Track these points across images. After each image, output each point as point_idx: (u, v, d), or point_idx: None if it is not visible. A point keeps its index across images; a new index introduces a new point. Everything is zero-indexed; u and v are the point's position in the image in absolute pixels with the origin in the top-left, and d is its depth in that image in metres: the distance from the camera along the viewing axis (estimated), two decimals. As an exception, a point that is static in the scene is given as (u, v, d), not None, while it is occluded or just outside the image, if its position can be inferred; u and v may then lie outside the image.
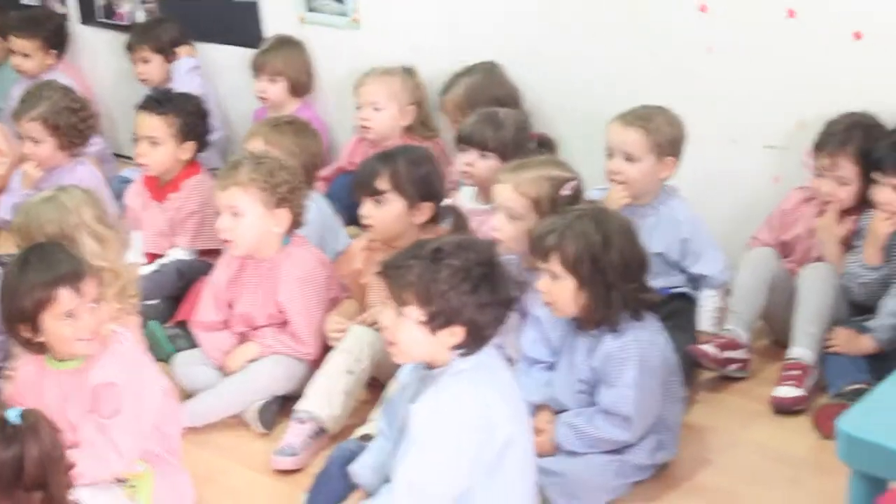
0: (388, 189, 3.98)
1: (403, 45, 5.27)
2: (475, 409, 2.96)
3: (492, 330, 3.02)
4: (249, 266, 4.15)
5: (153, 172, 4.94)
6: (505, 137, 4.36)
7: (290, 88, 5.56)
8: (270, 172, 4.01)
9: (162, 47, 5.92)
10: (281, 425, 3.94)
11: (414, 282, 2.97)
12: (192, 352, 4.23)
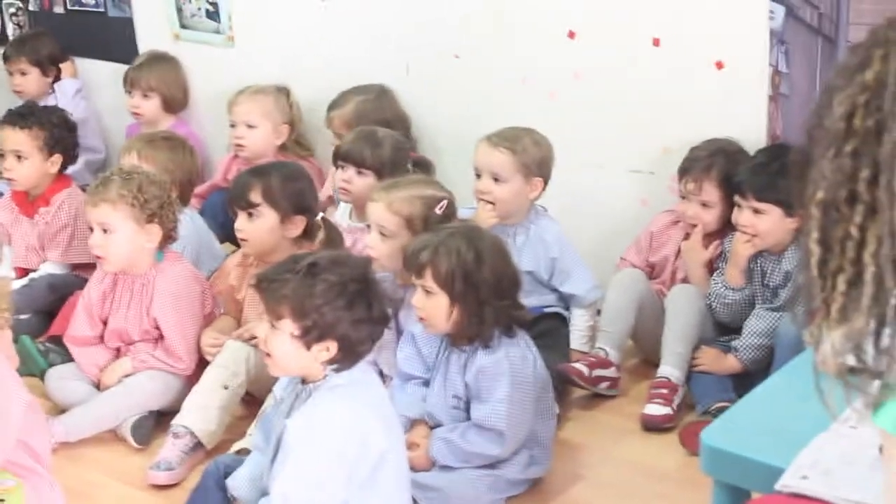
0: (262, 202, 4.01)
1: (278, 64, 5.30)
2: (350, 424, 3.00)
3: (366, 346, 3.06)
4: (122, 281, 4.14)
5: (21, 187, 4.89)
6: (382, 156, 4.40)
7: (164, 105, 5.56)
8: (140, 188, 4.01)
9: (40, 60, 5.88)
10: (156, 440, 3.93)
11: (289, 295, 3.00)
12: (66, 366, 4.19)
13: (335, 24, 5.14)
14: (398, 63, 4.96)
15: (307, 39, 5.23)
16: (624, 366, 4.21)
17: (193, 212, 4.71)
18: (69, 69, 5.97)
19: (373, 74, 5.00)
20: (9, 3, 6.24)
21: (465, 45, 4.79)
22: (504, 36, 4.68)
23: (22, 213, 4.93)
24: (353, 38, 5.09)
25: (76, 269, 4.86)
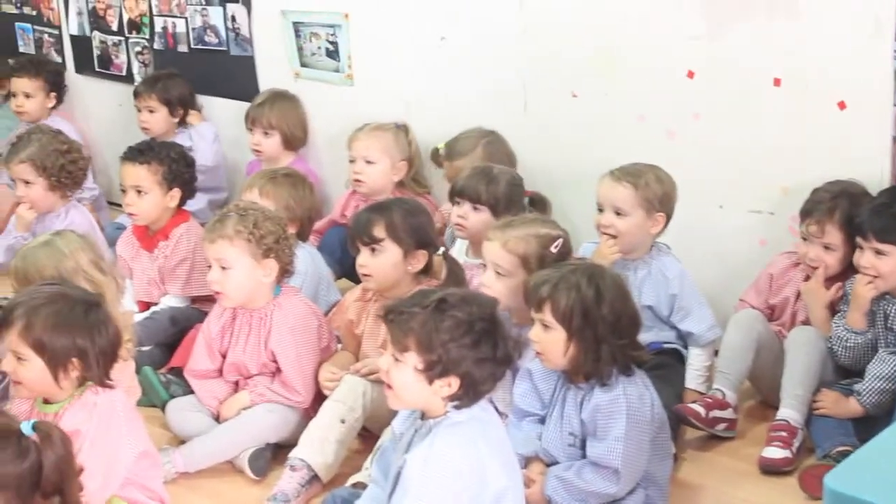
0: (385, 237, 4.04)
1: (396, 102, 5.34)
2: (469, 461, 3.00)
3: (487, 385, 3.07)
4: (241, 315, 4.19)
5: (142, 222, 4.99)
6: (497, 192, 4.42)
7: (284, 142, 5.64)
8: (255, 224, 4.07)
9: (169, 100, 5.99)
10: (273, 473, 3.97)
11: (416, 329, 3.02)
12: (186, 398, 4.25)
13: (453, 62, 5.17)
14: (516, 101, 4.97)
15: (425, 77, 5.27)
16: (741, 407, 4.16)
17: (312, 248, 4.75)
18: (197, 116, 6.10)
19: (490, 112, 5.02)
20: (135, 42, 6.38)
21: (582, 83, 4.79)
22: (622, 74, 4.68)
23: (142, 248, 5.02)
24: (471, 75, 5.12)
25: (196, 301, 4.93)
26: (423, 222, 4.15)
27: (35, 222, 5.22)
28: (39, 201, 5.22)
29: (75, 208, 5.29)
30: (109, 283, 3.95)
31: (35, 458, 2.75)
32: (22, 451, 2.74)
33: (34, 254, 3.93)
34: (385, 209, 4.13)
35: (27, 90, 6.37)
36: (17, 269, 3.92)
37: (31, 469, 2.75)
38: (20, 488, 2.74)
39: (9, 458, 2.72)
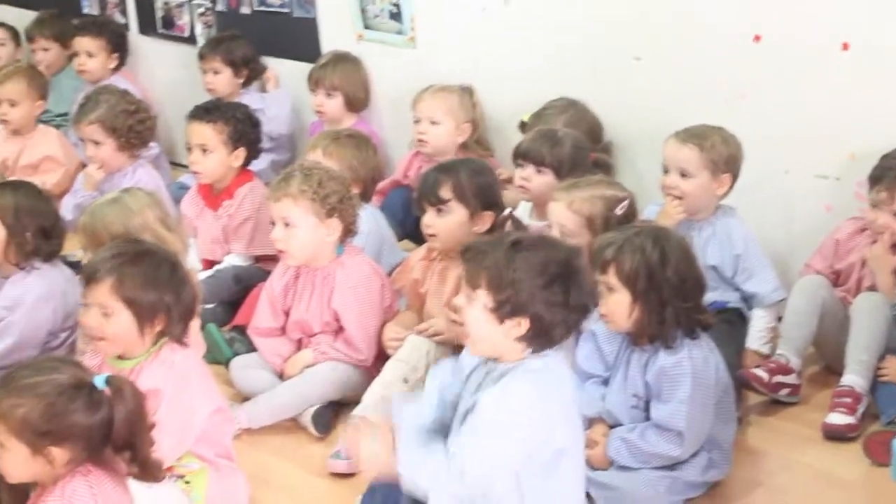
0: (451, 198, 4.05)
1: (459, 66, 5.33)
2: (538, 411, 2.97)
3: (559, 331, 3.01)
4: (304, 274, 4.22)
5: (207, 180, 5.02)
6: (561, 154, 4.41)
7: (347, 103, 5.64)
8: (320, 183, 4.08)
9: (234, 61, 6.00)
10: (335, 430, 4.02)
11: (489, 266, 2.98)
12: (250, 356, 4.29)
13: (518, 26, 5.15)
14: (583, 64, 4.95)
15: (489, 41, 5.26)
16: (805, 373, 4.14)
17: (375, 208, 4.77)
18: (272, 78, 6.10)
19: (555, 75, 5.01)
20: (198, 4, 6.40)
21: (649, 47, 4.76)
22: (688, 38, 4.64)
23: (207, 206, 5.06)
24: (536, 39, 5.10)
25: (259, 260, 4.96)
26: (490, 183, 4.15)
27: (103, 181, 5.26)
28: (109, 161, 5.25)
29: (142, 167, 5.32)
30: (176, 240, 3.98)
31: (106, 412, 2.78)
32: (93, 403, 2.77)
33: (102, 211, 3.96)
34: (452, 169, 4.14)
35: (89, 49, 6.40)
36: (85, 225, 3.95)
37: (102, 422, 2.77)
38: (90, 440, 2.77)
39: (79, 409, 2.75)
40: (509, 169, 4.71)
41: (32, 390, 2.75)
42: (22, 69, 6.12)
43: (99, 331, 3.41)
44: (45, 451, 2.75)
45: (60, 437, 2.74)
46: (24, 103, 5.93)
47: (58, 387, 2.75)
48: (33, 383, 2.76)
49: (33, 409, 2.72)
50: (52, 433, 2.73)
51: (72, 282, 4.16)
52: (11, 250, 4.09)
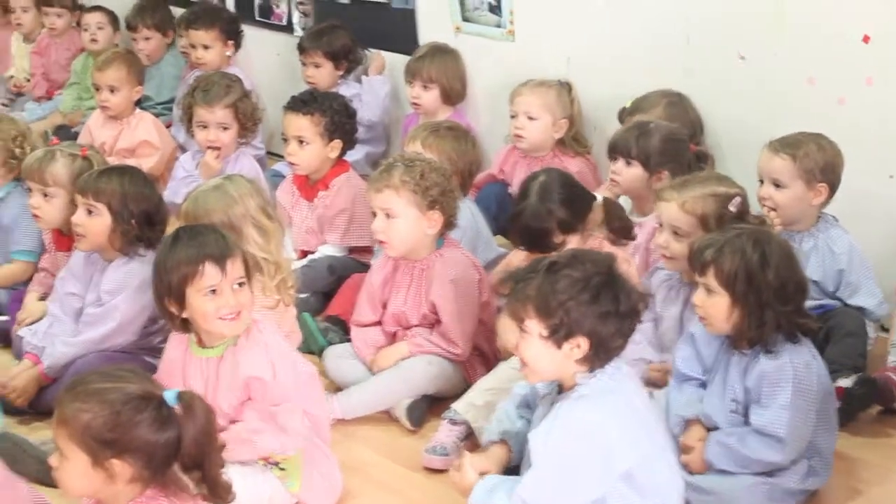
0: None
1: (556, 60, 5.31)
2: (592, 436, 3.00)
3: (617, 341, 3.03)
4: (403, 266, 4.21)
5: (303, 172, 5.04)
6: (649, 146, 4.38)
7: (443, 96, 5.65)
8: (422, 174, 4.07)
9: (334, 53, 6.00)
10: (429, 423, 4.01)
11: (532, 295, 3.01)
12: (343, 346, 4.31)
13: (617, 22, 5.12)
14: (681, 63, 4.90)
15: (588, 36, 5.24)
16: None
17: (472, 202, 4.76)
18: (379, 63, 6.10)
19: (653, 72, 4.96)
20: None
21: (750, 45, 4.70)
22: (792, 37, 4.58)
23: (302, 197, 5.08)
24: (634, 36, 5.07)
25: (353, 251, 4.98)
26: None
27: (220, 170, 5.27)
28: (230, 146, 5.30)
29: (244, 155, 5.36)
30: (276, 228, 4.00)
31: (174, 432, 2.69)
32: (161, 418, 2.69)
33: (205, 197, 3.98)
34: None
35: (204, 42, 6.40)
36: (187, 211, 3.97)
37: (168, 442, 2.68)
38: (154, 457, 2.68)
39: (145, 421, 2.66)
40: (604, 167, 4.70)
41: (98, 396, 2.68)
42: (122, 55, 6.16)
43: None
44: (106, 463, 2.66)
45: (123, 448, 2.65)
46: (124, 89, 5.98)
47: (125, 396, 2.68)
48: (100, 389, 2.70)
49: (97, 416, 2.65)
50: (115, 443, 2.65)
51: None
52: (116, 236, 4.12)
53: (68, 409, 2.68)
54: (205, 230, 3.49)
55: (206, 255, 3.36)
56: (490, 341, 4.18)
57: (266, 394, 3.42)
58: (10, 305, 4.69)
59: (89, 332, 4.13)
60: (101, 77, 5.99)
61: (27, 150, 4.81)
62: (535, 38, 5.43)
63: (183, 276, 3.36)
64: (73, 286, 4.28)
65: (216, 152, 5.30)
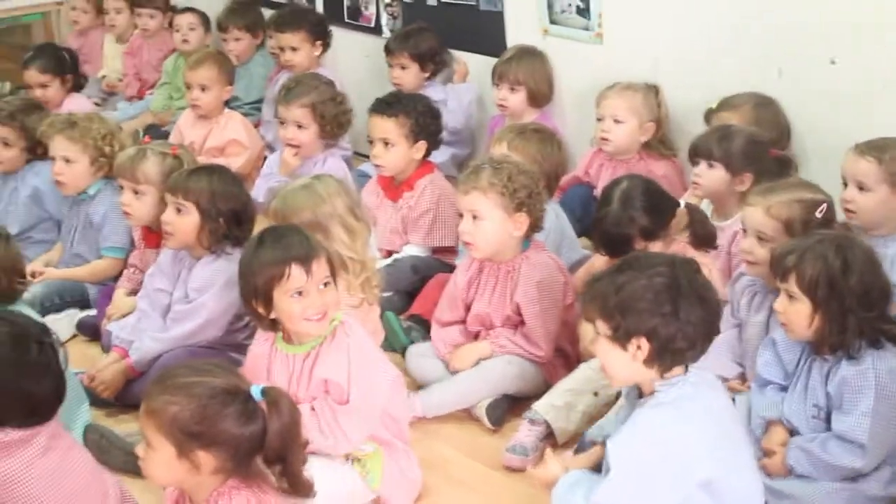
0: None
1: (644, 64, 5.29)
2: (670, 444, 3.00)
3: (681, 344, 3.01)
4: (488, 268, 4.24)
5: (388, 173, 5.09)
6: (731, 149, 4.35)
7: (530, 98, 5.64)
8: (510, 177, 4.09)
9: (421, 56, 6.03)
10: (509, 423, 4.04)
11: (596, 296, 3.04)
12: (426, 344, 4.35)
13: (705, 26, 5.08)
14: (770, 67, 4.86)
15: (676, 39, 5.20)
16: None
17: (556, 204, 4.77)
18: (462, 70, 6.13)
19: (742, 76, 4.92)
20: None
21: (842, 51, 4.65)
22: (885, 43, 4.51)
23: (386, 197, 5.13)
24: (723, 39, 5.02)
25: (436, 252, 5.02)
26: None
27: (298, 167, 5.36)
28: (308, 146, 5.37)
29: (333, 156, 5.42)
30: (362, 229, 4.04)
31: (259, 424, 2.75)
32: (247, 412, 2.75)
33: (294, 196, 4.03)
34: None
35: (292, 44, 6.46)
36: (275, 210, 4.02)
37: (253, 434, 2.74)
38: (238, 450, 2.74)
39: (231, 415, 2.72)
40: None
41: (187, 390, 2.74)
42: (213, 55, 6.26)
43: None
44: (191, 455, 2.72)
45: (209, 441, 2.72)
46: (215, 89, 6.07)
47: (212, 390, 2.74)
48: (188, 383, 2.76)
49: (185, 409, 2.71)
50: (202, 436, 2.71)
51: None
52: (204, 235, 4.19)
53: (157, 401, 2.75)
54: (289, 232, 3.54)
55: (291, 257, 3.41)
56: (573, 343, 4.20)
57: (338, 395, 3.48)
58: (99, 301, 4.80)
59: (177, 329, 4.22)
60: (193, 76, 6.09)
61: (116, 148, 4.92)
62: (623, 41, 5.41)
63: (269, 278, 3.41)
64: (161, 283, 4.37)
65: (294, 150, 5.38)
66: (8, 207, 5.29)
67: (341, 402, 3.47)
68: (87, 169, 4.94)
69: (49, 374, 2.99)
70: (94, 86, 7.72)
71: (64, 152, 4.92)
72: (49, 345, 3.02)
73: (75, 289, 4.91)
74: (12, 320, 3.02)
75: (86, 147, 4.91)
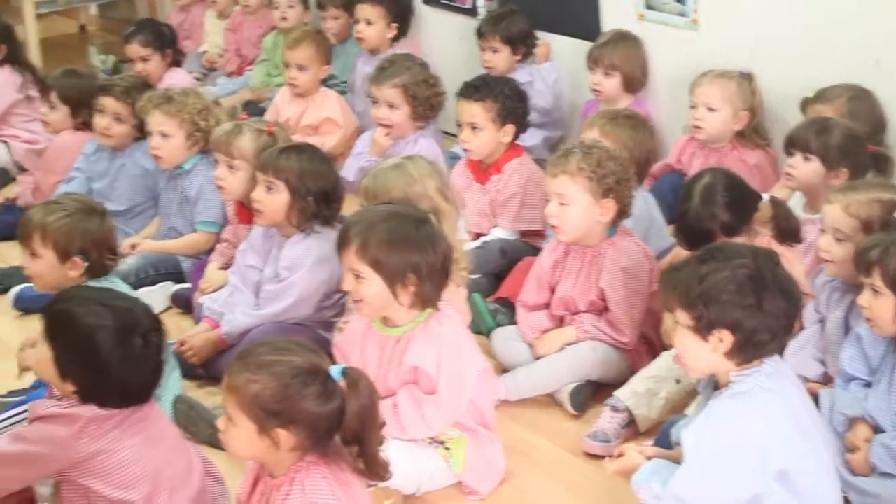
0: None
1: (740, 51, 5.24)
2: (744, 436, 2.99)
3: (763, 337, 3.00)
4: (574, 252, 4.24)
5: (477, 157, 5.10)
6: (829, 142, 4.30)
7: (624, 84, 5.62)
8: (599, 162, 4.08)
9: (512, 39, 6.01)
10: (591, 409, 4.05)
11: (678, 285, 3.03)
12: (511, 328, 4.36)
13: (803, 14, 5.02)
14: (868, 58, 4.79)
15: (773, 27, 5.14)
16: None
17: (646, 191, 4.75)
18: (544, 51, 6.11)
19: (838, 66, 4.86)
20: (482, -25, 6.48)
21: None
22: None
23: (475, 180, 5.14)
24: (820, 28, 4.97)
25: (525, 235, 5.03)
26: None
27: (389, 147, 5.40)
28: (399, 126, 5.41)
29: (424, 137, 5.45)
30: (452, 210, 4.06)
31: (338, 404, 2.78)
32: (326, 392, 2.77)
33: (385, 175, 4.07)
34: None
35: (368, 17, 6.49)
36: (366, 188, 4.06)
37: (332, 413, 2.77)
38: (317, 429, 2.77)
39: (311, 395, 2.75)
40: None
41: (268, 368, 2.77)
42: (311, 34, 6.30)
43: (356, 294, 3.52)
44: (271, 432, 2.76)
45: (289, 419, 2.75)
46: (312, 68, 6.12)
47: (293, 369, 2.77)
48: (270, 361, 2.79)
49: (266, 388, 2.75)
50: (282, 414, 2.75)
51: (347, 244, 4.30)
52: (294, 213, 4.25)
53: (238, 378, 2.79)
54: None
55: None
56: (657, 330, 4.18)
57: (424, 383, 3.52)
58: (192, 274, 4.89)
59: (269, 307, 4.29)
60: (291, 55, 6.14)
61: (212, 123, 5.00)
62: (719, 28, 5.36)
63: None
64: (252, 259, 4.44)
65: (385, 129, 5.42)
66: (114, 183, 5.38)
67: (429, 392, 3.51)
68: (182, 143, 5.02)
69: (149, 365, 3.09)
70: (194, 61, 7.83)
71: (160, 127, 4.99)
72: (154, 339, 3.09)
73: (170, 262, 5.00)
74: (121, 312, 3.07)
75: (182, 122, 4.98)
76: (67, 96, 5.56)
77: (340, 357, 3.65)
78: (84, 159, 5.44)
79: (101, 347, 2.99)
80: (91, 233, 3.87)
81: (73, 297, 3.17)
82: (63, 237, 3.83)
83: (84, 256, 3.85)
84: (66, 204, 3.93)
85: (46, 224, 3.83)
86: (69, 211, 3.87)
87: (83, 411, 3.00)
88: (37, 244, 3.84)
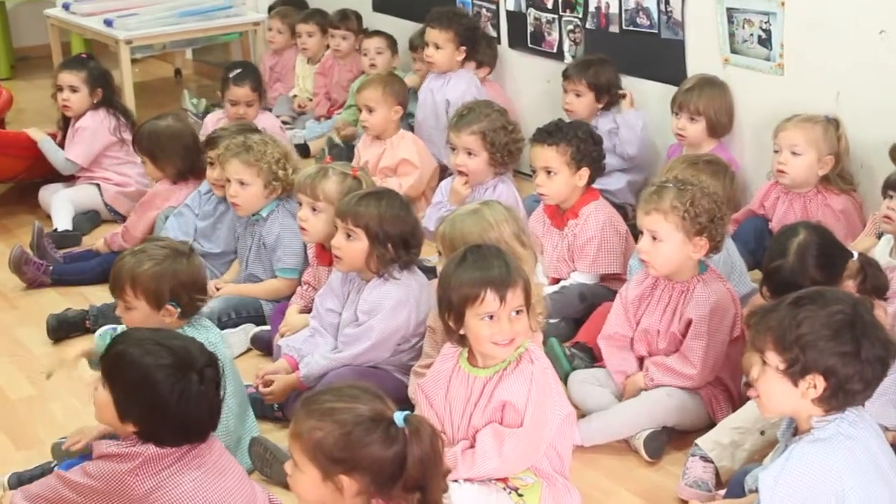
0: None
1: (826, 95, 5.19)
2: (823, 480, 2.95)
3: (856, 385, 2.96)
4: (663, 285, 4.23)
5: (552, 202, 5.08)
6: None
7: (709, 128, 5.58)
8: (692, 201, 4.07)
9: (597, 86, 6.03)
10: (668, 456, 4.03)
11: (773, 327, 2.99)
12: (589, 371, 4.35)
13: (888, 58, 4.97)
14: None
15: (860, 71, 5.10)
16: None
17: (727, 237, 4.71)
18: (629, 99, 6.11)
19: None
20: (568, 21, 6.49)
21: None
22: None
23: (553, 225, 5.12)
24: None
25: (604, 279, 5.00)
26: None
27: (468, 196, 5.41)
28: (477, 173, 5.42)
29: (503, 182, 5.45)
30: (529, 256, 4.04)
31: (400, 449, 2.78)
32: (389, 438, 2.78)
33: (462, 221, 4.08)
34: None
35: (437, 41, 6.52)
36: (443, 234, 4.07)
37: (394, 459, 2.77)
38: (380, 475, 2.78)
39: (375, 442, 2.77)
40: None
41: (331, 416, 2.80)
42: (380, 77, 6.33)
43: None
44: (335, 479, 2.78)
45: (352, 466, 2.77)
46: (381, 109, 6.13)
47: (357, 417, 2.79)
48: (333, 409, 2.81)
49: (329, 435, 2.77)
50: (345, 461, 2.77)
51: (426, 288, 4.33)
52: (373, 259, 4.27)
53: (303, 425, 2.82)
54: (490, 254, 3.55)
55: (488, 281, 3.44)
56: (735, 379, 4.14)
57: (510, 418, 3.50)
58: (273, 317, 4.94)
59: (347, 351, 4.31)
60: (359, 97, 6.22)
61: (290, 171, 5.07)
62: (805, 72, 5.32)
63: (463, 298, 3.45)
64: (331, 303, 4.48)
65: (464, 178, 5.43)
66: (217, 225, 5.46)
67: (513, 426, 3.50)
68: (260, 192, 5.08)
69: (205, 403, 3.15)
70: (284, 104, 7.95)
71: (239, 175, 5.07)
72: (210, 375, 3.16)
73: (251, 304, 5.06)
74: (178, 350, 3.15)
75: (260, 171, 5.05)
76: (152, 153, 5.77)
77: (423, 398, 3.66)
78: (196, 196, 5.55)
79: (159, 385, 3.07)
80: (180, 275, 3.91)
81: (128, 339, 3.25)
82: (153, 286, 3.87)
83: (175, 303, 3.90)
84: (153, 252, 3.95)
85: (136, 276, 3.88)
86: (157, 259, 3.91)
87: (142, 450, 3.09)
88: (129, 296, 3.90)
